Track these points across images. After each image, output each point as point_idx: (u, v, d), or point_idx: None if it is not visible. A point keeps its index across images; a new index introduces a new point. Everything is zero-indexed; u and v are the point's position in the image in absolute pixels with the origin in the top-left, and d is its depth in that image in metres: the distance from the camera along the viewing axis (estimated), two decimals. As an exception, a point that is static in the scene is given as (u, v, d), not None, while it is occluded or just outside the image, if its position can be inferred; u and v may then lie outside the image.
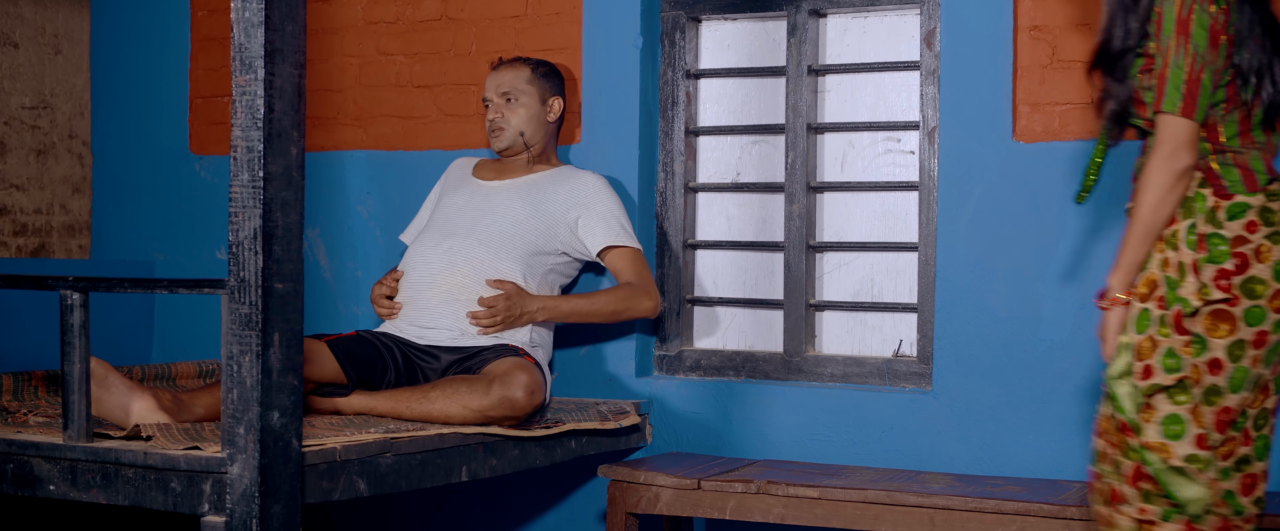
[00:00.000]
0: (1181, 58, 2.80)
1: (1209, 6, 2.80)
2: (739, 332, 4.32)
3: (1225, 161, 2.87)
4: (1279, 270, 2.83)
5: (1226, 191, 2.85)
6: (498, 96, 4.13)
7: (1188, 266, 2.82)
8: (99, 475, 3.06)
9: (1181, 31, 2.79)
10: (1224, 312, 2.82)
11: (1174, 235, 2.84)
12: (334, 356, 3.75)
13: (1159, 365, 2.82)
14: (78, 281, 3.03)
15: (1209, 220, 2.83)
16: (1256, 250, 2.83)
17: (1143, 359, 2.84)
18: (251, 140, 2.84)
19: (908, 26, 4.10)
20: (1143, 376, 2.83)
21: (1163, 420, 2.83)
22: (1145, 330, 2.84)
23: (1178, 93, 2.80)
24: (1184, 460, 2.82)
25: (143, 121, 5.01)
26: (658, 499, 3.71)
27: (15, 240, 4.91)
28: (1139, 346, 2.85)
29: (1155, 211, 2.83)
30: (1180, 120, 2.80)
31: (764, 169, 4.28)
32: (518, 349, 3.90)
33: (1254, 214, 2.84)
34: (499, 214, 4.05)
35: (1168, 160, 2.81)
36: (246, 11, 2.84)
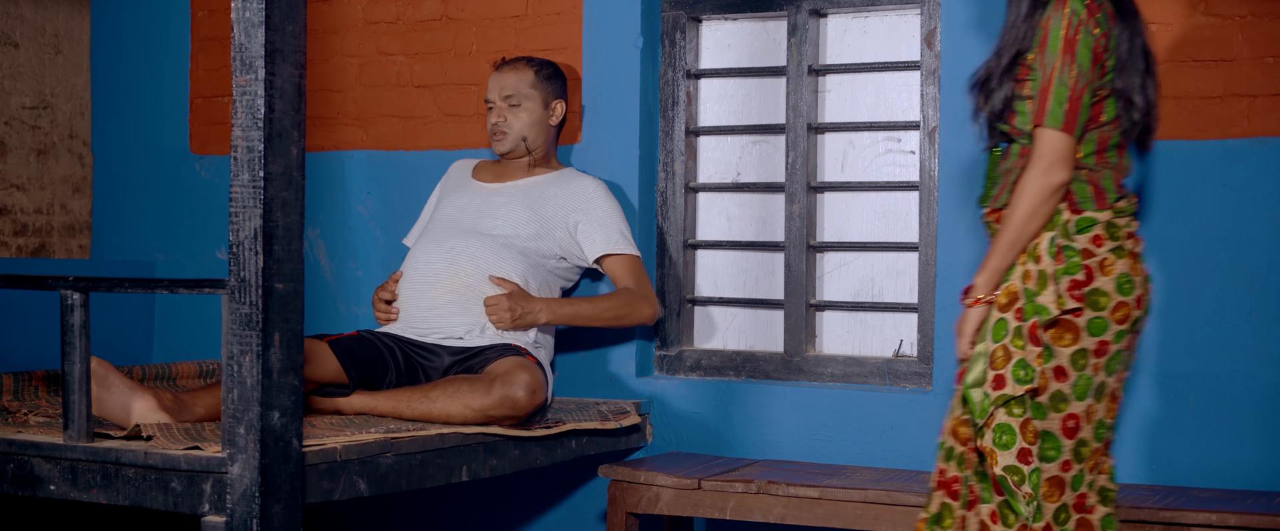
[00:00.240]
0: (1066, 75, 2.89)
1: (1093, 28, 2.90)
2: (739, 332, 4.32)
3: (1079, 178, 2.97)
4: (1120, 283, 2.95)
5: (1078, 206, 2.95)
6: (501, 100, 4.12)
7: (1048, 276, 2.91)
8: (99, 475, 3.06)
9: (1068, 50, 2.89)
10: (1069, 323, 2.93)
11: (1036, 247, 2.94)
12: (335, 356, 3.75)
13: (1010, 376, 2.90)
14: (78, 281, 3.03)
15: (1064, 234, 2.94)
16: (1101, 263, 2.94)
17: (996, 368, 2.91)
18: (252, 140, 2.84)
19: (908, 26, 4.10)
20: (994, 385, 2.91)
21: (995, 428, 2.92)
22: (1000, 339, 2.92)
23: (1061, 109, 2.89)
24: (1003, 469, 2.90)
25: (143, 121, 5.01)
26: (658, 499, 3.71)
27: (15, 240, 4.91)
28: (993, 355, 2.92)
29: (1027, 222, 2.92)
30: (1061, 135, 2.90)
31: (764, 169, 4.28)
32: (520, 348, 3.90)
33: (1100, 229, 2.95)
34: (499, 217, 4.05)
35: (1046, 173, 2.90)
36: (247, 11, 2.84)
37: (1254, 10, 3.60)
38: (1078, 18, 2.90)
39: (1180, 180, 3.66)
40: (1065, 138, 2.90)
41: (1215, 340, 3.62)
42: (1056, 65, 2.90)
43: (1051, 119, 2.90)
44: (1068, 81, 2.90)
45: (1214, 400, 3.62)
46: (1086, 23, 2.91)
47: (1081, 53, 2.90)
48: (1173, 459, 3.65)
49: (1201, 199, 3.64)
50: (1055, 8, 2.92)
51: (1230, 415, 3.61)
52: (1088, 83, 2.91)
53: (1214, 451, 3.62)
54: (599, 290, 4.25)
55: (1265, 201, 3.59)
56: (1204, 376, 3.63)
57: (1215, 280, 3.63)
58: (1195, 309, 3.64)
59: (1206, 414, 3.63)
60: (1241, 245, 3.61)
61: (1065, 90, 2.90)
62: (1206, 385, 3.63)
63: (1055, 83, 2.90)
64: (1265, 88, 3.59)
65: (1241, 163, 3.60)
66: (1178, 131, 3.66)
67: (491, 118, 4.13)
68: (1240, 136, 3.61)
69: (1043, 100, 2.91)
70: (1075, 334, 2.94)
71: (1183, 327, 3.65)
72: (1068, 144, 2.90)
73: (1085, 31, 2.90)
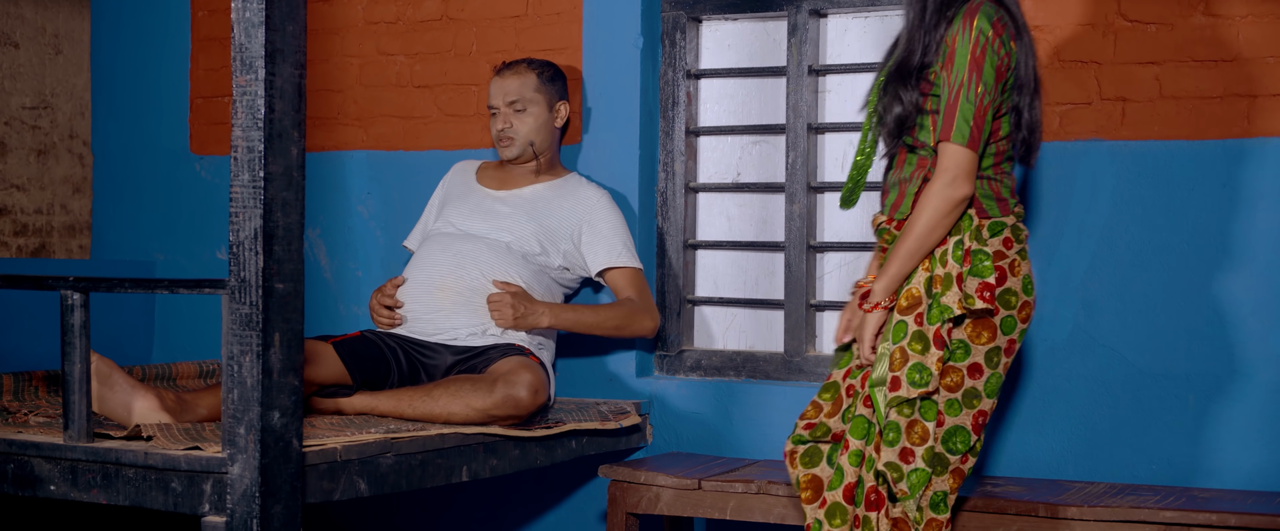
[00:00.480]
0: (972, 92, 3.00)
1: (998, 48, 3.01)
2: (739, 333, 4.32)
3: (984, 187, 3.10)
4: (1026, 284, 3.10)
5: (986, 213, 3.08)
6: (505, 105, 4.10)
7: (953, 278, 3.02)
8: (99, 475, 3.06)
9: (974, 68, 3.00)
10: (986, 321, 3.05)
11: (942, 254, 3.05)
12: (339, 357, 3.76)
13: (905, 378, 3.00)
14: (78, 281, 3.03)
15: (975, 237, 3.05)
16: (1011, 264, 3.08)
17: (893, 370, 3.02)
18: (252, 140, 2.84)
19: (908, 26, 4.10)
20: (891, 387, 3.01)
21: (884, 426, 3.02)
22: (899, 341, 3.03)
23: (967, 125, 3.00)
24: (884, 465, 3.01)
25: (143, 121, 5.01)
26: (658, 499, 3.71)
27: (16, 240, 4.91)
28: (892, 357, 3.02)
29: (930, 233, 3.03)
30: (966, 151, 3.01)
31: (764, 169, 4.28)
32: (523, 348, 3.90)
33: (1008, 231, 3.10)
34: (504, 226, 4.05)
35: (950, 187, 3.01)
36: (247, 12, 2.84)
37: (1254, 10, 3.60)
38: (985, 36, 3.00)
39: (1180, 180, 3.66)
40: (970, 154, 3.00)
41: (1215, 340, 3.63)
42: (963, 82, 3.00)
43: (958, 135, 3.00)
44: (973, 99, 3.00)
45: (1214, 400, 3.62)
46: (992, 42, 3.01)
47: (987, 71, 3.00)
48: (1173, 459, 3.65)
49: (1201, 199, 3.64)
50: (962, 24, 3.01)
51: (1230, 415, 3.61)
52: (991, 101, 3.02)
53: (1214, 451, 3.62)
54: (600, 299, 4.25)
55: (1265, 201, 3.59)
56: (1204, 376, 3.63)
57: (1215, 280, 3.63)
58: (1195, 309, 3.64)
59: (1207, 414, 3.63)
60: (1241, 245, 3.61)
61: (971, 107, 3.00)
62: (1206, 385, 3.63)
63: (961, 100, 3.00)
64: (1265, 88, 3.59)
65: (1241, 163, 3.60)
66: (1178, 131, 3.66)
67: (497, 123, 4.11)
68: (1240, 136, 3.61)
69: (950, 116, 3.01)
70: (992, 332, 3.06)
71: (1183, 327, 3.65)
72: (972, 160, 3.01)
73: (991, 51, 3.00)
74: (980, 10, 3.02)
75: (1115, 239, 3.72)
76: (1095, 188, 3.73)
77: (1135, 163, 3.70)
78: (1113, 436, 3.71)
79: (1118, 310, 3.71)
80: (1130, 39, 3.71)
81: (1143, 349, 3.69)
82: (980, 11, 3.02)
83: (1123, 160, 3.71)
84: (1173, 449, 3.65)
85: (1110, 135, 3.72)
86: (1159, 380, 3.68)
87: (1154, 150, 3.69)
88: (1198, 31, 3.65)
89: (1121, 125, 3.72)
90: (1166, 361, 3.67)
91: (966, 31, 3.00)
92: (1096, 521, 3.29)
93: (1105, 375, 3.72)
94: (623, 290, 4.06)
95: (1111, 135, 3.72)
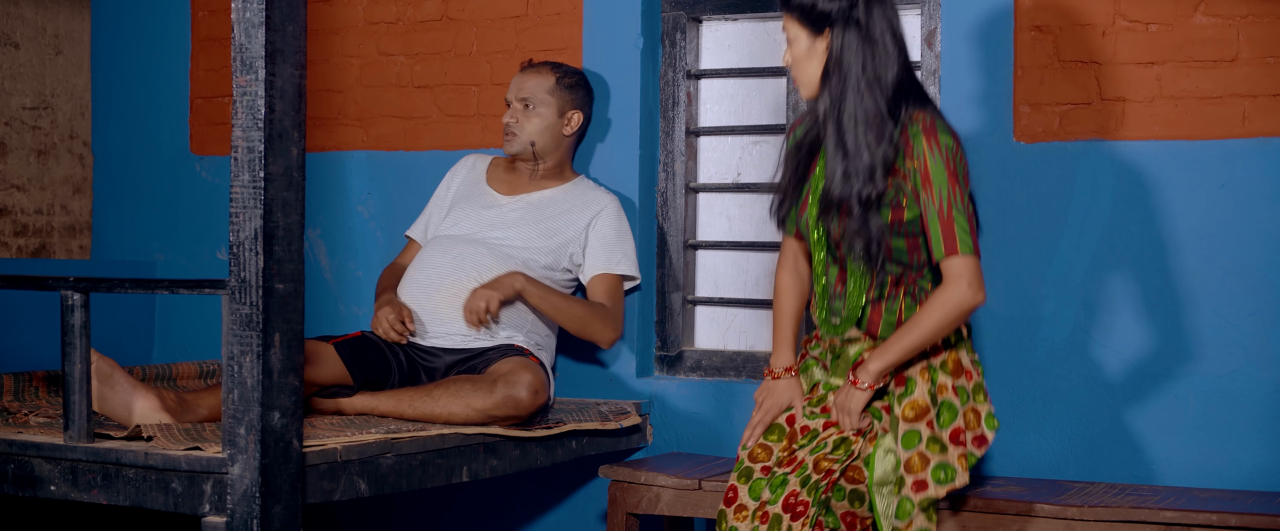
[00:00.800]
0: (960, 202, 3.10)
1: (962, 157, 3.13)
2: (740, 333, 4.32)
3: None
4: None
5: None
6: (517, 101, 4.11)
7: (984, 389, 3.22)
8: (100, 475, 3.06)
9: (954, 180, 3.10)
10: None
11: (944, 363, 3.18)
12: (339, 358, 3.76)
13: (931, 478, 3.12)
14: (78, 282, 3.03)
15: (968, 349, 3.24)
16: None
17: (913, 473, 3.12)
18: (252, 141, 2.84)
19: (908, 26, 4.09)
20: (916, 489, 3.12)
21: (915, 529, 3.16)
22: (913, 447, 3.14)
23: (968, 235, 3.10)
24: None
25: (143, 122, 5.01)
26: (659, 499, 3.71)
27: (16, 240, 4.91)
28: (908, 462, 3.13)
29: (937, 335, 3.13)
30: (975, 260, 3.10)
31: (765, 169, 4.28)
32: (523, 349, 3.90)
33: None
34: (510, 232, 4.05)
35: (970, 294, 3.09)
36: (247, 12, 2.84)
37: (1254, 10, 3.60)
38: (951, 149, 3.10)
39: (1180, 180, 3.66)
40: (978, 261, 3.11)
41: (1215, 340, 3.63)
42: (950, 197, 3.09)
43: (964, 247, 3.09)
44: (964, 209, 3.10)
45: (1214, 400, 3.62)
46: (957, 152, 3.12)
47: (963, 180, 3.11)
48: (1173, 459, 3.65)
49: (1201, 199, 3.64)
50: (928, 144, 3.09)
51: (1231, 415, 3.61)
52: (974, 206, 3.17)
53: (1215, 452, 3.62)
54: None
55: (1265, 201, 3.59)
56: (1204, 376, 3.63)
57: (1215, 280, 3.63)
58: (1195, 309, 3.64)
59: (1207, 414, 3.63)
60: (1241, 245, 3.61)
61: (964, 217, 3.09)
62: (1207, 385, 3.63)
63: (955, 213, 3.09)
64: (1265, 88, 3.59)
65: (1241, 163, 3.60)
66: (1178, 131, 3.66)
67: (505, 117, 4.12)
68: (1240, 136, 3.61)
69: (949, 231, 3.09)
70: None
71: (1183, 328, 3.65)
72: (980, 267, 3.12)
73: (959, 160, 3.12)
74: (938, 126, 3.11)
75: (1115, 239, 3.71)
76: (1095, 188, 3.73)
77: (1135, 162, 3.70)
78: (1113, 436, 3.71)
79: (1118, 310, 3.71)
80: (1130, 39, 3.71)
81: (1143, 349, 3.69)
82: (938, 127, 3.11)
83: (1123, 160, 3.71)
84: (1173, 449, 3.65)
85: (1110, 135, 3.72)
86: (1159, 380, 3.68)
87: (1154, 150, 3.69)
88: (1198, 31, 3.65)
89: (1121, 125, 3.72)
90: (1166, 361, 3.67)
91: (936, 149, 3.09)
92: (1097, 521, 3.29)
93: (1105, 375, 3.72)
94: (598, 295, 4.05)
95: (1111, 135, 3.72)
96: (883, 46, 3.12)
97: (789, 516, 3.16)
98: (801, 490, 3.17)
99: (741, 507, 3.18)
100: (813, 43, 3.18)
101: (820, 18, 3.14)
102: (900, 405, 3.17)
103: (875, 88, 3.11)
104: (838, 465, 3.19)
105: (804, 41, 3.19)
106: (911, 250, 3.17)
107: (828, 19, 3.14)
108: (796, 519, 3.15)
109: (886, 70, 3.12)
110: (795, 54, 3.21)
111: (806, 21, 3.16)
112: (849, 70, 3.12)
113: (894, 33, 3.15)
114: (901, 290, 3.20)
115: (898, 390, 3.19)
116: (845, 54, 3.12)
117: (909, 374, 3.18)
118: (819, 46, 3.17)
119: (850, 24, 3.12)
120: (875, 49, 3.12)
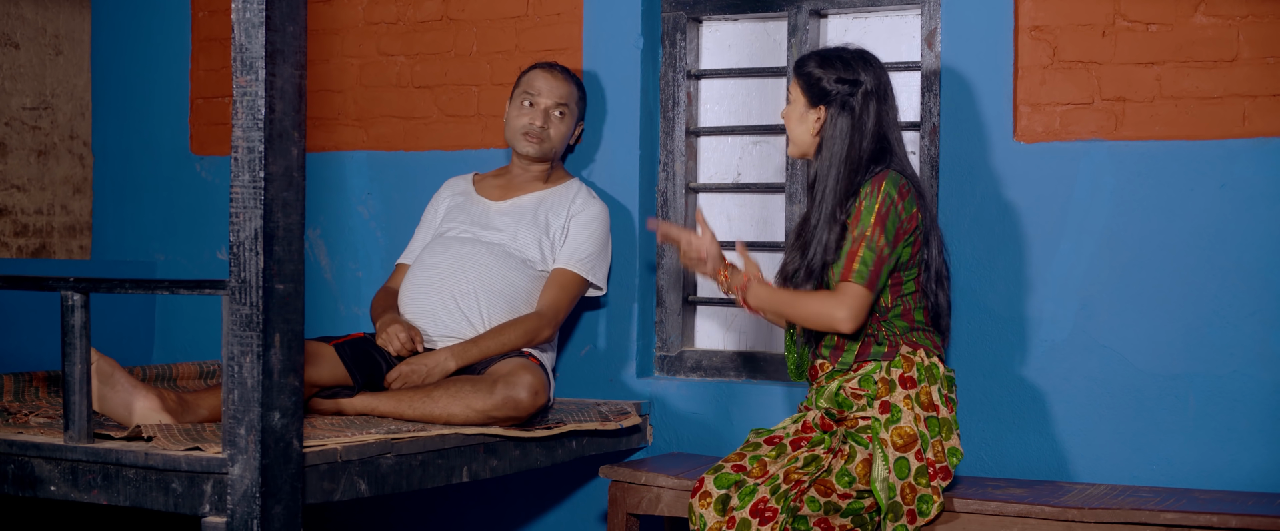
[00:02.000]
0: (878, 244, 3.34)
1: (901, 211, 3.36)
2: (740, 333, 4.32)
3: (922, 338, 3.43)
4: None
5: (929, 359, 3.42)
6: (552, 104, 4.10)
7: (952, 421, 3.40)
8: (100, 476, 3.06)
9: (877, 224, 3.34)
10: None
11: (928, 396, 3.37)
12: (339, 358, 3.76)
13: (918, 510, 3.32)
14: (79, 282, 3.03)
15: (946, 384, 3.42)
16: None
17: (906, 503, 3.31)
18: (252, 141, 2.84)
19: (908, 27, 4.10)
20: (910, 520, 3.33)
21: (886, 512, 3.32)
22: (905, 476, 3.32)
23: (866, 269, 3.34)
24: None
25: (143, 122, 5.01)
26: (659, 499, 3.71)
27: (16, 241, 4.91)
28: (902, 490, 3.31)
29: (797, 316, 3.43)
30: (864, 290, 3.35)
31: (765, 169, 4.28)
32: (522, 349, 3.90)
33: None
34: (507, 233, 4.05)
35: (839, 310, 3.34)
36: (247, 12, 2.84)
37: (1254, 10, 3.60)
38: (891, 199, 3.34)
39: (1180, 180, 3.66)
40: (867, 293, 3.34)
41: (1215, 340, 3.62)
42: (866, 234, 3.34)
43: (857, 276, 3.34)
44: (875, 249, 3.34)
45: (1215, 401, 3.62)
46: (897, 204, 3.35)
47: (889, 229, 3.35)
48: (1174, 460, 3.65)
49: (1201, 199, 3.64)
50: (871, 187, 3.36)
51: (1231, 416, 3.61)
52: (891, 255, 3.36)
53: (1215, 452, 3.62)
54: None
55: (1265, 201, 3.59)
56: (1204, 377, 3.63)
57: (1215, 280, 3.63)
58: (1195, 309, 3.64)
59: (1207, 415, 3.63)
60: (1241, 245, 3.61)
61: (872, 255, 3.34)
62: (1207, 386, 3.63)
63: (864, 248, 3.34)
64: (1265, 88, 3.59)
65: (1241, 163, 3.60)
66: (1178, 131, 3.66)
67: (533, 118, 4.09)
68: (1240, 136, 3.61)
69: (851, 259, 3.34)
70: None
71: (1183, 328, 3.65)
72: (867, 300, 3.35)
73: (894, 212, 3.35)
74: (888, 177, 3.37)
75: (1115, 239, 3.71)
76: (1095, 188, 3.73)
77: (1135, 163, 3.70)
78: (1113, 437, 3.71)
79: (1118, 310, 3.71)
80: (1130, 39, 3.71)
81: (1143, 349, 3.69)
82: (888, 179, 3.37)
83: (1123, 160, 3.71)
84: (1173, 449, 3.65)
85: (1110, 135, 3.72)
86: (1159, 380, 3.68)
87: (1154, 150, 3.69)
88: (1198, 31, 3.65)
89: (1121, 125, 3.72)
90: (1166, 361, 3.67)
91: (874, 193, 3.35)
92: (1098, 523, 3.29)
93: (1105, 375, 3.72)
94: (548, 292, 4.02)
95: (1111, 135, 3.72)
96: (866, 138, 3.42)
97: (757, 521, 3.26)
98: (771, 498, 3.28)
99: (706, 495, 3.30)
100: (807, 111, 3.47)
101: (820, 93, 3.44)
102: (887, 431, 3.33)
103: (846, 166, 3.41)
104: (808, 477, 3.32)
105: (801, 105, 3.49)
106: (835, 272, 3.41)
107: (826, 97, 3.44)
108: (765, 523, 3.25)
109: (863, 152, 3.41)
110: (791, 113, 3.52)
111: (808, 90, 3.46)
112: (835, 150, 3.43)
113: (879, 119, 3.43)
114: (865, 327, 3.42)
115: (884, 416, 3.34)
116: (835, 135, 3.43)
117: (893, 401, 3.36)
118: (811, 116, 3.46)
119: (844, 109, 3.42)
120: (861, 136, 3.42)
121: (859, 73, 3.42)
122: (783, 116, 3.54)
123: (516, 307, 3.97)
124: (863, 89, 3.42)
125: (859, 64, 3.44)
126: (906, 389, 3.37)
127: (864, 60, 3.46)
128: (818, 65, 3.45)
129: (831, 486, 3.34)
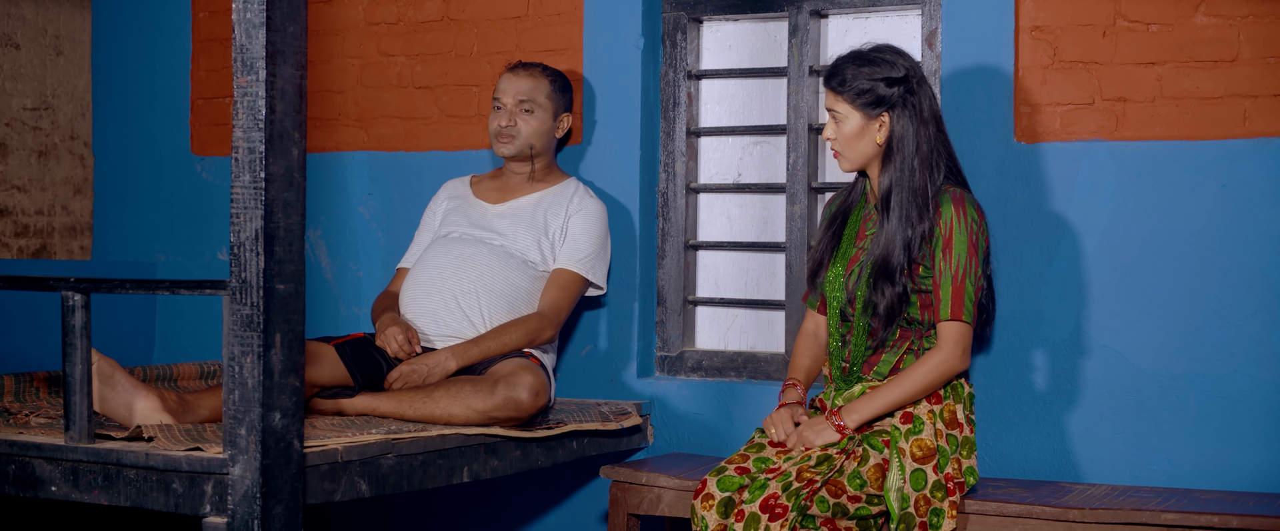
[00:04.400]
0: (973, 275, 3.36)
1: (984, 234, 3.39)
2: (741, 333, 4.32)
3: None
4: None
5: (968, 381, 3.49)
6: (514, 103, 4.09)
7: (973, 442, 3.43)
8: (100, 476, 3.06)
9: (973, 253, 3.36)
10: None
11: (952, 414, 3.40)
12: (340, 358, 3.76)
13: (929, 522, 3.32)
14: (79, 282, 3.03)
15: (968, 406, 3.45)
16: None
17: (919, 515, 3.31)
18: (253, 141, 2.85)
19: (909, 27, 4.10)
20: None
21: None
22: (920, 488, 3.32)
23: (971, 305, 3.36)
24: None
25: (144, 122, 5.01)
26: (659, 500, 3.71)
27: (17, 241, 4.91)
28: (916, 501, 3.31)
29: (921, 393, 3.37)
30: (970, 329, 3.37)
31: (765, 170, 4.28)
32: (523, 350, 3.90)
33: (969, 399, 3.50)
34: (506, 234, 4.05)
35: (957, 360, 3.37)
36: (248, 13, 2.84)
37: (1254, 10, 3.60)
38: (976, 225, 3.37)
39: (1180, 180, 3.66)
40: (971, 331, 3.38)
41: (1216, 340, 3.62)
42: (965, 267, 3.35)
43: (966, 315, 3.36)
44: (975, 281, 3.36)
45: (1215, 401, 3.62)
46: (981, 228, 3.38)
47: (981, 255, 3.37)
48: (1174, 460, 3.65)
49: (1201, 199, 3.64)
50: (956, 212, 3.35)
51: (1232, 416, 3.61)
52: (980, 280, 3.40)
53: (1216, 453, 3.62)
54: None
55: (1265, 201, 3.59)
56: (1205, 377, 3.63)
57: (1216, 280, 3.63)
58: (1195, 309, 3.64)
59: (1208, 415, 3.63)
60: (1241, 245, 3.61)
61: (973, 289, 3.36)
62: (1207, 386, 3.63)
63: (967, 283, 3.35)
64: (1265, 88, 3.59)
65: (1241, 163, 3.60)
66: (1178, 131, 3.66)
67: (500, 120, 4.10)
68: (1240, 136, 3.61)
69: (958, 297, 3.35)
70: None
71: (1183, 328, 3.65)
72: (971, 336, 3.39)
73: (981, 237, 3.38)
74: (966, 199, 3.38)
75: (1116, 239, 3.72)
76: (1095, 188, 3.73)
77: (1135, 163, 3.70)
78: (1114, 437, 3.71)
79: (1118, 310, 3.71)
80: (1130, 39, 3.71)
81: (1143, 349, 3.69)
82: (967, 201, 3.37)
83: (1123, 160, 3.71)
84: (1174, 450, 3.65)
85: (1110, 135, 3.72)
86: (1160, 380, 3.68)
87: (1154, 150, 3.69)
88: (1198, 31, 3.65)
89: (1121, 125, 3.72)
90: (1167, 361, 3.67)
91: (963, 219, 3.35)
92: (1098, 524, 3.29)
93: (1106, 375, 3.72)
94: (549, 292, 4.02)
95: (1111, 135, 3.72)
96: (929, 125, 3.39)
97: (767, 516, 3.24)
98: (782, 495, 3.25)
99: (708, 497, 3.28)
100: (867, 123, 3.41)
101: (877, 101, 3.38)
102: (907, 441, 3.33)
103: (926, 166, 3.38)
104: (820, 477, 3.30)
105: (856, 121, 3.41)
106: (923, 308, 3.41)
107: (885, 102, 3.38)
108: (775, 520, 3.23)
109: (933, 149, 3.39)
110: (845, 132, 3.42)
111: (863, 104, 3.39)
112: (907, 150, 3.38)
113: (933, 110, 3.41)
114: (905, 344, 3.43)
115: (905, 427, 3.35)
116: (905, 135, 3.38)
117: (917, 413, 3.37)
118: (873, 127, 3.40)
119: (906, 107, 3.38)
120: (926, 129, 3.38)
121: (901, 67, 3.38)
122: (827, 139, 3.46)
123: (517, 308, 3.97)
124: (913, 80, 3.39)
125: (894, 57, 3.40)
126: (932, 404, 3.38)
127: (894, 52, 3.42)
128: (867, 77, 3.37)
129: (842, 487, 3.33)
